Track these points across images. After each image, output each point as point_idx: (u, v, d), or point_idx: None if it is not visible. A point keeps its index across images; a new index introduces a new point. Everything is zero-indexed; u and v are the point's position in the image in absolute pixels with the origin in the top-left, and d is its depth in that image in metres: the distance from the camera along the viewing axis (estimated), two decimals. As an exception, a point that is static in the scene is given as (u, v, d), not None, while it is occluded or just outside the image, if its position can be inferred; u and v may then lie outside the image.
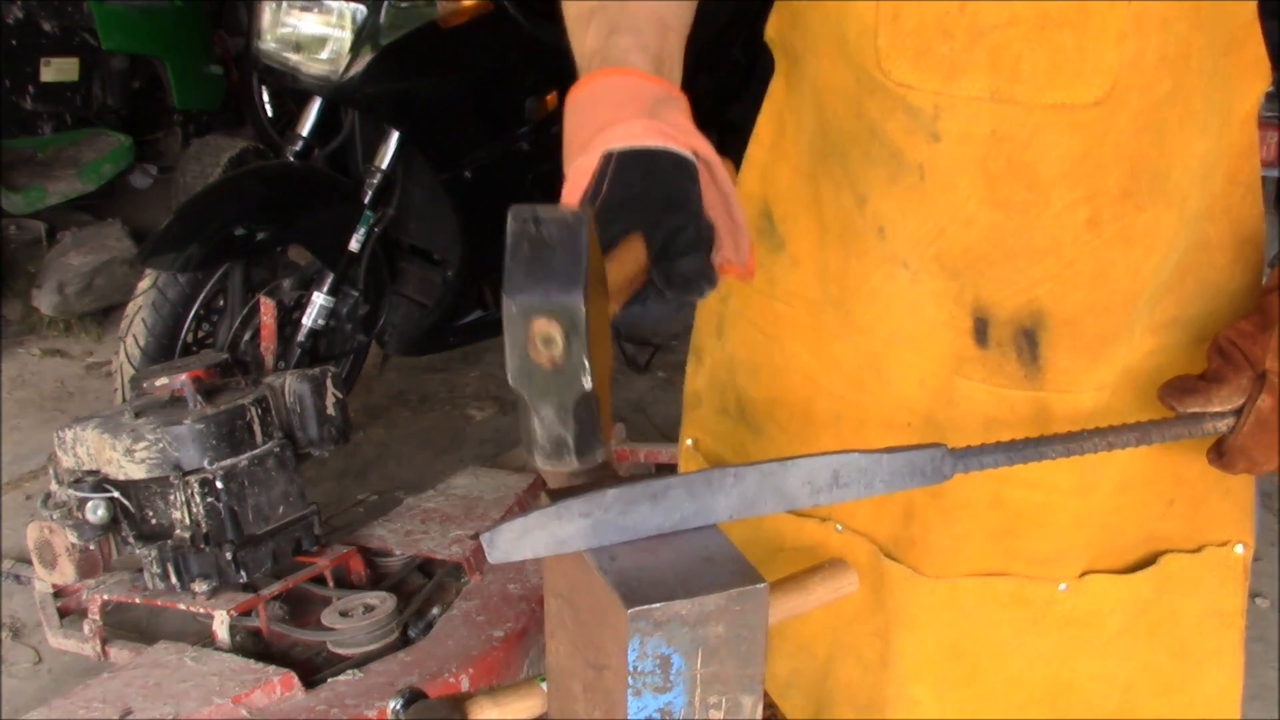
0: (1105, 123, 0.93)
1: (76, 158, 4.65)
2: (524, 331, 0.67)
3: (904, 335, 1.07)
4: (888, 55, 0.96)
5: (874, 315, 1.08)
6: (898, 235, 1.03)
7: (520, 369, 0.69)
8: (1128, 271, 1.00)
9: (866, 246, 1.06)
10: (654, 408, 3.77)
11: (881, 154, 1.01)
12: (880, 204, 1.03)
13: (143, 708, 1.98)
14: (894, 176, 1.01)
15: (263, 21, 2.99)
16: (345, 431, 2.49)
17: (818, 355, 1.15)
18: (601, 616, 0.73)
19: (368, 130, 3.17)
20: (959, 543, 1.11)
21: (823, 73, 1.05)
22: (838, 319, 1.11)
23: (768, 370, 1.20)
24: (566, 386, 0.69)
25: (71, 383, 3.84)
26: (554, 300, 0.66)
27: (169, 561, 2.19)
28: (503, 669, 2.15)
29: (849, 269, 1.08)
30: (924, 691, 1.17)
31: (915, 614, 1.14)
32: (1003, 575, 1.12)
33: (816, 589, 0.94)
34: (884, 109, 0.99)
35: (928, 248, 1.02)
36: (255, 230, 2.82)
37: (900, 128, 0.98)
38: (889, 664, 1.17)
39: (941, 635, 1.14)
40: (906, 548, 1.13)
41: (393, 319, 3.34)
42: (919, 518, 1.11)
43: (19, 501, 3.15)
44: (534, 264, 0.67)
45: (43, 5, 4.64)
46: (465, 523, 2.53)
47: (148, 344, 2.79)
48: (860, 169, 1.03)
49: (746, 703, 0.75)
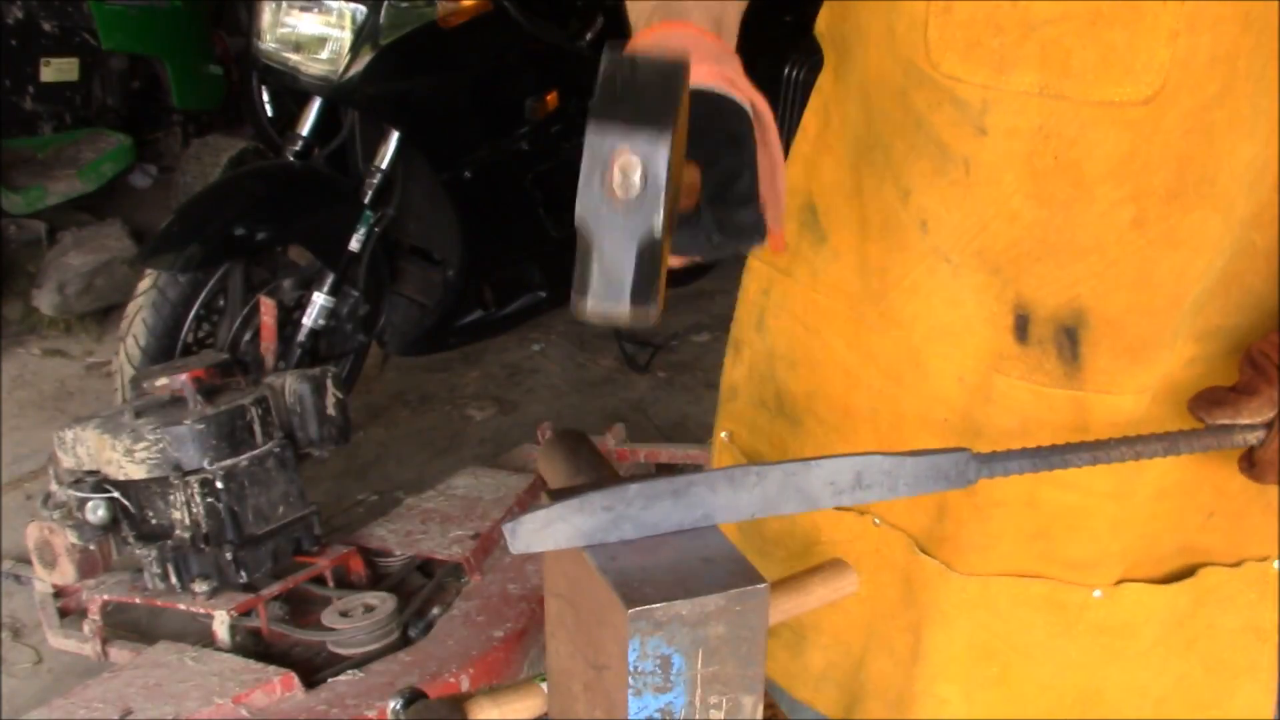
0: (1153, 122, 0.93)
1: (76, 158, 4.65)
2: (603, 164, 0.65)
3: (943, 330, 1.07)
4: (937, 47, 0.96)
5: (914, 310, 1.08)
6: (940, 229, 1.03)
7: (590, 200, 0.65)
8: (1172, 274, 0.99)
9: (908, 240, 1.06)
10: (654, 408, 3.77)
11: (927, 147, 1.01)
12: (923, 198, 1.03)
13: (143, 708, 1.98)
14: (939, 170, 1.01)
15: (263, 21, 2.99)
16: (345, 431, 2.49)
17: (856, 349, 1.14)
18: (602, 616, 0.73)
19: (368, 130, 3.17)
20: (993, 541, 1.10)
21: (870, 65, 1.05)
22: (877, 312, 1.11)
23: (806, 363, 1.20)
24: (638, 226, 0.65)
25: (71, 383, 3.84)
26: (642, 134, 0.64)
27: (169, 562, 2.19)
28: (503, 669, 2.15)
29: (890, 262, 1.08)
30: (952, 690, 1.16)
31: (946, 610, 1.13)
32: (1037, 577, 1.11)
33: (817, 589, 0.94)
34: (931, 102, 0.99)
35: (970, 242, 1.02)
36: (255, 230, 2.82)
37: (947, 121, 0.98)
38: (919, 660, 1.16)
39: (973, 634, 1.13)
40: (940, 543, 1.13)
41: (393, 319, 3.34)
42: (952, 514, 1.11)
43: (19, 501, 3.15)
44: (625, 98, 0.65)
45: (43, 5, 4.64)
46: (465, 523, 2.53)
47: (148, 344, 2.79)
48: (905, 162, 1.03)
49: (747, 703, 0.75)
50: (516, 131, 3.29)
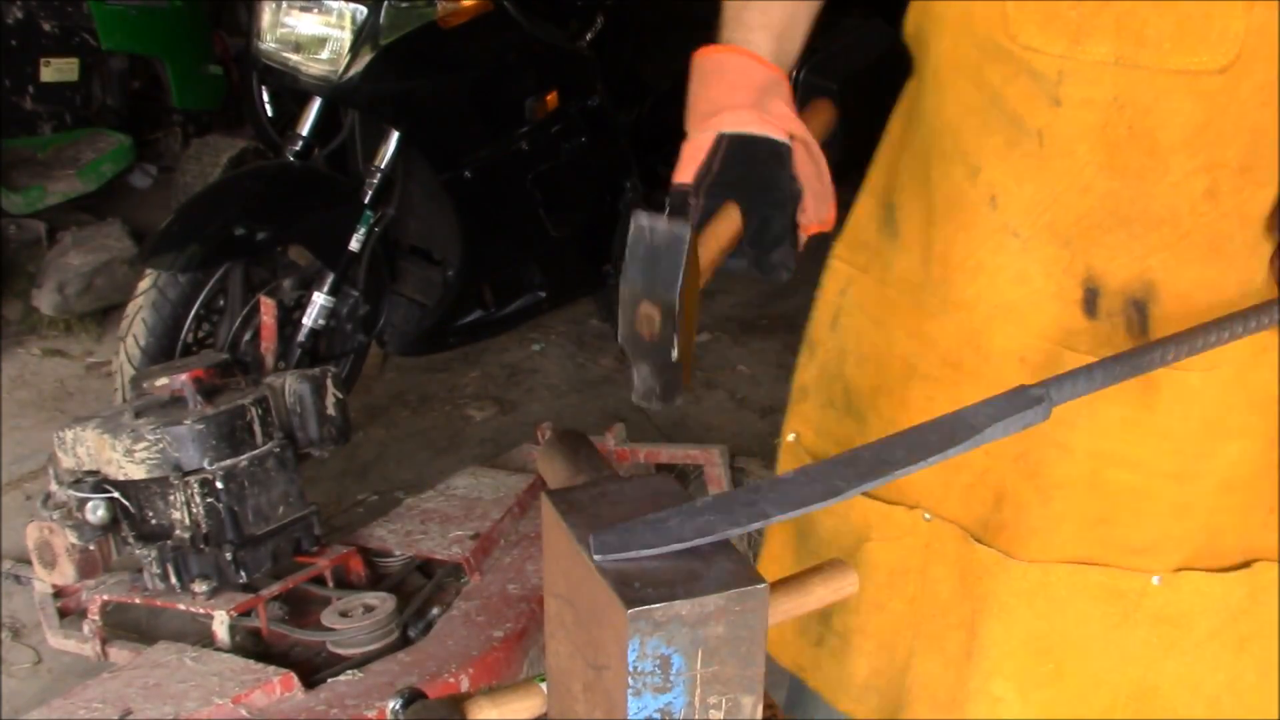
0: (1228, 92, 0.93)
1: (76, 158, 4.65)
2: (633, 311, 0.91)
3: (1008, 308, 1.08)
4: (1015, 19, 0.98)
5: (977, 289, 1.09)
6: (1011, 204, 1.04)
7: (627, 336, 0.92)
8: (1244, 248, 0.99)
9: (976, 218, 1.07)
10: (654, 408, 3.77)
11: (1000, 121, 1.02)
12: (994, 173, 1.04)
13: (143, 708, 1.98)
14: (1012, 143, 1.02)
15: (263, 21, 2.99)
16: (345, 431, 2.49)
17: (916, 337, 1.16)
18: (601, 616, 0.73)
19: (368, 130, 3.17)
20: (1054, 525, 1.10)
21: (945, 51, 1.08)
22: (937, 298, 1.13)
23: (873, 358, 1.22)
24: (659, 355, 0.92)
25: (71, 383, 3.84)
26: (657, 293, 0.89)
27: (169, 562, 2.18)
28: (503, 669, 2.15)
29: (954, 244, 1.10)
30: (1007, 688, 1.16)
31: (1005, 600, 1.13)
32: (1096, 564, 1.11)
33: (817, 589, 0.94)
34: (1006, 75, 1.01)
35: (1041, 215, 1.03)
36: (255, 230, 2.81)
37: (1022, 93, 1.00)
38: (973, 656, 1.16)
39: (1030, 625, 1.14)
40: (997, 531, 1.13)
41: (393, 319, 3.33)
42: (1011, 500, 1.11)
43: (19, 501, 3.15)
44: (647, 263, 0.90)
45: (43, 5, 4.63)
46: (465, 523, 2.53)
47: (148, 344, 2.79)
48: (975, 140, 1.05)
49: (746, 703, 0.75)
50: (516, 131, 3.28)
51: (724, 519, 0.77)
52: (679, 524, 0.76)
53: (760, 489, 0.82)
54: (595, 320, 4.28)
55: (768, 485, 0.83)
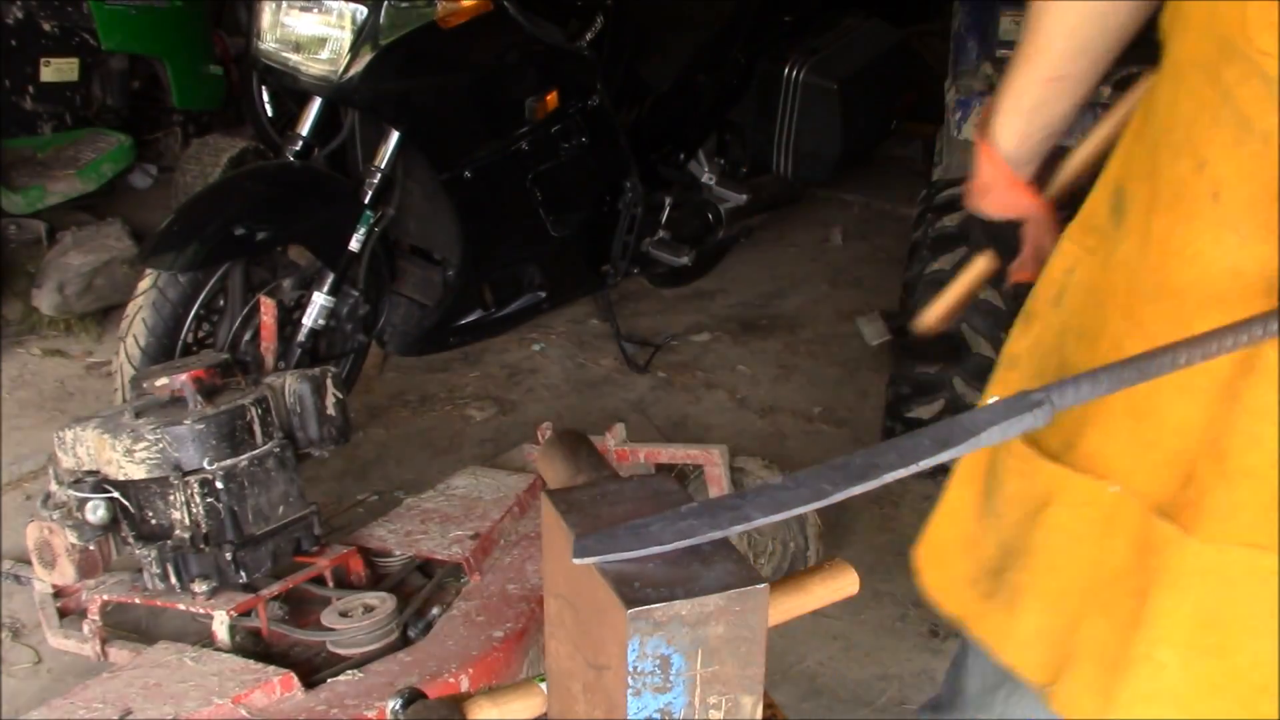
0: None
1: (76, 158, 4.64)
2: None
3: (1219, 299, 1.11)
4: (1254, 23, 1.01)
5: (1192, 278, 1.12)
6: (1233, 199, 1.08)
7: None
8: None
9: (1198, 209, 1.11)
10: (654, 408, 3.77)
11: (1230, 119, 1.06)
12: (1220, 167, 1.08)
13: (142, 708, 1.98)
14: (1239, 141, 1.06)
15: (263, 21, 2.99)
16: (345, 431, 2.49)
17: (1128, 318, 1.19)
18: (601, 616, 0.73)
19: (368, 130, 3.16)
20: (1235, 510, 1.13)
21: (1186, 47, 1.11)
22: (1153, 282, 1.16)
23: (1088, 337, 1.26)
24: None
25: (71, 383, 3.84)
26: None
27: (169, 562, 2.18)
28: (503, 669, 2.15)
29: (1173, 232, 1.13)
30: (1171, 656, 1.19)
31: (1179, 574, 1.16)
32: (1272, 550, 1.13)
33: (816, 589, 0.94)
34: (1239, 76, 1.04)
35: (1260, 213, 1.06)
36: (255, 230, 2.81)
37: (1253, 95, 1.03)
38: (1142, 624, 1.19)
39: (1201, 600, 1.16)
40: (1180, 509, 1.16)
41: (393, 319, 3.33)
42: (1198, 481, 1.14)
43: (19, 501, 3.15)
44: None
45: (43, 5, 4.63)
46: (465, 523, 2.53)
47: (148, 344, 2.79)
48: (1205, 133, 1.09)
49: (746, 703, 0.75)
50: (516, 131, 3.28)
51: (705, 523, 0.77)
52: (660, 528, 0.76)
53: (747, 494, 0.82)
54: (595, 320, 4.28)
55: (755, 490, 0.83)
